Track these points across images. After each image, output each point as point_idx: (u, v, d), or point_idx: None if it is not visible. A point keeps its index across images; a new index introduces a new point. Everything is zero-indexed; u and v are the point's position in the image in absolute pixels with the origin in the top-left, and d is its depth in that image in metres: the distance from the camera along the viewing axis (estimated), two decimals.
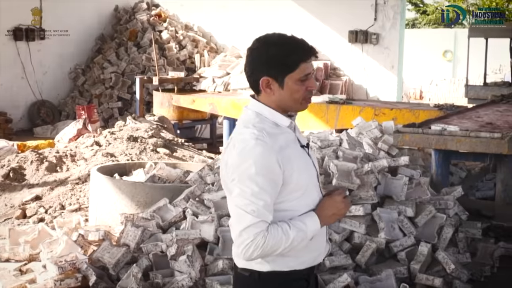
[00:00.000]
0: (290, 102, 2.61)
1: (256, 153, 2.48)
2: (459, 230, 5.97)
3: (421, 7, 36.00)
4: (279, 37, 2.62)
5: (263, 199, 2.47)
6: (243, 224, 2.47)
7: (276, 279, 2.61)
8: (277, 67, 2.56)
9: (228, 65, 15.55)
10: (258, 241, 2.45)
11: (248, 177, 2.47)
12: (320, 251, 2.74)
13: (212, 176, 6.12)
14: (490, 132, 6.56)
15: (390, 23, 14.28)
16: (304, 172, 2.61)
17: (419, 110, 9.81)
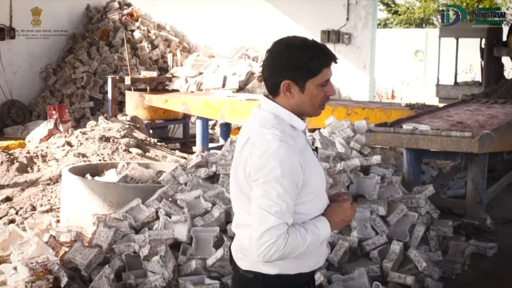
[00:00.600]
0: (308, 107, 2.62)
1: (281, 154, 2.46)
2: (430, 228, 6.02)
3: (393, 7, 36.28)
4: (302, 41, 2.63)
5: (286, 201, 2.47)
6: (265, 225, 2.46)
7: (281, 282, 2.62)
8: (300, 71, 2.56)
9: (201, 64, 15.51)
10: (280, 243, 2.45)
11: (273, 179, 2.46)
12: (322, 255, 2.76)
13: (185, 176, 6.10)
14: (461, 131, 6.64)
15: (362, 23, 14.35)
16: (318, 174, 2.63)
17: (391, 109, 9.87)
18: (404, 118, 7.99)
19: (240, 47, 15.38)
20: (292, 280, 2.63)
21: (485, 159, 6.98)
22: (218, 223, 5.15)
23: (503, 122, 7.51)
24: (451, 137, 6.50)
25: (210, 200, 5.46)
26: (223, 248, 4.73)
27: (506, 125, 7.37)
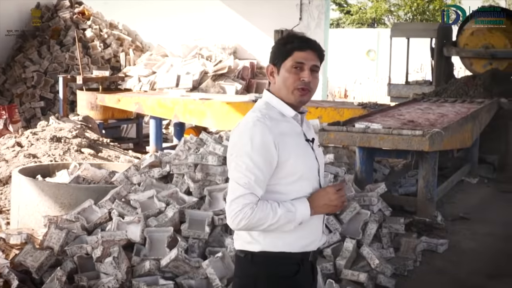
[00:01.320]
0: (284, 91, 2.74)
1: (253, 131, 2.63)
2: (382, 226, 6.09)
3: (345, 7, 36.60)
4: (289, 32, 2.86)
5: (255, 174, 2.60)
6: (234, 194, 2.62)
7: (267, 260, 2.71)
8: (277, 54, 2.75)
9: (154, 63, 15.40)
10: (246, 211, 2.58)
11: (244, 153, 2.62)
12: (313, 239, 2.80)
13: (139, 176, 6.05)
14: (412, 130, 6.73)
15: (315, 23, 14.44)
16: (301, 161, 2.72)
17: (344, 108, 9.95)
18: (356, 117, 8.06)
19: (194, 46, 15.32)
20: (277, 259, 2.71)
21: (436, 157, 7.09)
22: (172, 223, 5.12)
23: (453, 121, 7.64)
24: (403, 136, 6.59)
25: (164, 200, 5.43)
26: (177, 248, 4.71)
27: (456, 124, 7.50)
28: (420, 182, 7.07)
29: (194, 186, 5.62)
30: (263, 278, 2.71)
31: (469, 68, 12.14)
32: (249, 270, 2.74)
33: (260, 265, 2.71)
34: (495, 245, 6.46)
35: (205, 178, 5.76)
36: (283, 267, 2.72)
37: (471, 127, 8.22)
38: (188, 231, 5.07)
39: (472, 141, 8.47)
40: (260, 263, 2.71)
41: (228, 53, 14.96)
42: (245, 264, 2.75)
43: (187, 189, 5.72)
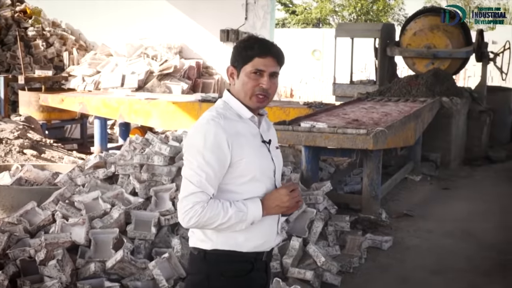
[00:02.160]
0: (242, 94, 2.74)
1: (207, 129, 2.64)
2: (328, 224, 6.15)
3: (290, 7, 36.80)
4: (251, 36, 2.82)
5: (206, 172, 2.61)
6: (186, 192, 2.61)
7: (219, 258, 2.70)
8: (237, 58, 2.74)
9: (99, 63, 15.19)
10: (197, 209, 2.57)
11: (196, 150, 2.63)
12: (266, 239, 2.78)
13: (83, 177, 5.96)
14: (356, 129, 6.80)
15: (261, 23, 14.47)
16: (255, 162, 2.71)
17: (290, 108, 10.00)
18: (302, 116, 8.11)
19: (139, 46, 15.17)
20: (229, 257, 2.71)
21: (380, 155, 7.20)
22: (117, 224, 5.06)
23: (396, 119, 7.76)
24: (347, 135, 6.65)
25: (109, 201, 5.36)
26: (123, 249, 4.65)
27: (399, 122, 7.62)
28: (365, 180, 7.16)
29: (139, 186, 5.57)
30: (216, 275, 2.71)
31: (412, 67, 12.35)
32: (202, 267, 2.74)
33: (212, 262, 2.71)
34: (438, 241, 6.59)
35: (151, 178, 5.70)
36: (235, 265, 2.72)
37: (414, 126, 8.36)
38: (134, 232, 5.03)
39: (415, 140, 8.61)
40: (213, 261, 2.71)
41: (173, 53, 14.87)
42: (198, 261, 2.75)
43: (133, 189, 5.66)
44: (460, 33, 12.09)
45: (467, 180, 9.62)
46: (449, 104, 10.25)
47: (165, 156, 5.77)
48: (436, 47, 11.87)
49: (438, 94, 10.57)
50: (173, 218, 5.24)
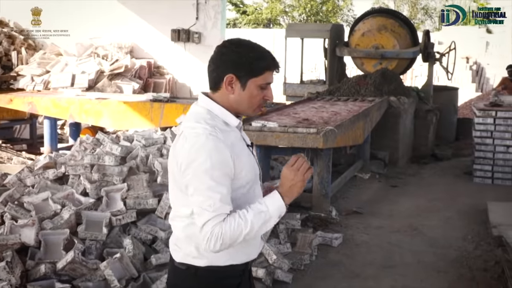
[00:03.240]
0: (245, 105, 2.65)
1: (209, 147, 2.48)
2: (279, 222, 6.17)
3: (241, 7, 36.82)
4: (253, 43, 2.68)
5: (220, 192, 2.48)
6: (202, 220, 2.48)
7: (212, 274, 2.64)
8: (245, 68, 2.60)
9: (48, 63, 14.91)
10: (216, 232, 2.45)
11: (203, 172, 2.47)
12: (255, 247, 2.75)
13: (32, 178, 5.87)
14: (307, 128, 6.86)
15: (212, 23, 14.44)
16: (250, 169, 2.65)
17: None
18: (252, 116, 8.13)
19: (89, 45, 14.96)
20: (223, 273, 2.65)
21: (330, 154, 7.27)
22: (68, 225, 5.00)
23: (346, 119, 7.85)
24: (298, 134, 6.70)
25: (59, 202, 5.29)
26: (74, 250, 4.60)
27: (348, 121, 7.70)
28: (315, 178, 7.22)
29: (90, 187, 5.51)
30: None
31: (361, 67, 12.49)
32: (191, 283, 2.67)
33: (204, 279, 2.65)
34: (386, 237, 6.70)
35: (102, 178, 5.65)
36: (226, 280, 2.68)
37: (363, 125, 8.47)
38: (85, 233, 4.97)
39: (364, 138, 8.72)
40: (204, 277, 2.64)
41: (124, 52, 14.71)
42: (187, 277, 2.67)
43: (84, 190, 5.60)
44: (407, 33, 12.28)
45: (415, 178, 9.80)
46: (396, 104, 10.41)
47: (116, 156, 5.72)
48: (384, 48, 12.03)
49: (386, 94, 10.72)
50: (124, 218, 5.20)
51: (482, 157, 9.56)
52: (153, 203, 5.39)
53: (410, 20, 13.09)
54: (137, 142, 6.39)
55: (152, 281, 4.76)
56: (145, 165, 5.84)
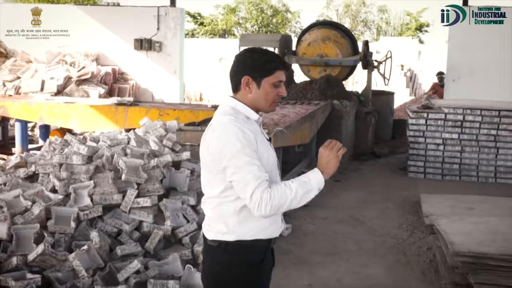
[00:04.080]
0: (263, 102, 2.80)
1: (236, 132, 2.63)
2: None
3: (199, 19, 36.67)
4: (263, 49, 2.86)
5: (255, 164, 2.60)
6: (249, 191, 2.58)
7: (240, 248, 2.73)
8: (258, 69, 2.77)
9: (19, 69, 14.60)
10: (265, 197, 2.55)
11: (237, 151, 2.60)
12: (277, 226, 2.86)
13: (4, 176, 5.74)
14: None
15: (172, 33, 14.36)
16: (269, 160, 2.76)
17: (199, 110, 9.95)
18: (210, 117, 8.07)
19: (58, 53, 14.72)
20: (250, 247, 2.74)
21: (280, 152, 7.27)
22: (38, 220, 4.90)
23: (294, 120, 7.87)
24: None
25: (30, 199, 5.18)
26: (44, 243, 4.52)
27: (296, 123, 7.74)
28: None
29: (59, 184, 5.41)
30: (236, 264, 2.74)
31: (307, 74, 12.55)
32: (222, 258, 2.75)
33: (233, 253, 2.73)
34: (331, 227, 6.76)
35: (70, 176, 5.56)
36: (252, 254, 2.76)
37: (309, 126, 8.52)
38: (54, 227, 4.88)
39: (310, 138, 8.77)
40: (234, 251, 2.73)
41: (90, 60, 14.52)
42: (218, 252, 2.76)
43: (53, 187, 5.50)
44: (349, 43, 12.39)
45: (356, 173, 9.91)
46: (339, 107, 10.50)
47: (83, 155, 5.63)
48: (328, 56, 12.11)
49: (330, 98, 10.79)
50: (91, 213, 5.13)
51: (415, 154, 9.72)
52: (118, 198, 5.33)
53: (351, 32, 13.20)
54: (103, 142, 6.31)
55: (117, 270, 4.70)
56: (111, 163, 5.77)
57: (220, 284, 2.77)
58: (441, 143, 9.60)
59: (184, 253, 5.12)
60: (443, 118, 9.56)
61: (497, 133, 9.41)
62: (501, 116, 9.39)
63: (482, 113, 9.45)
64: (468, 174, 9.52)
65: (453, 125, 9.54)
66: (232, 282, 2.75)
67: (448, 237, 5.52)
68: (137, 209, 5.31)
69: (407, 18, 37.56)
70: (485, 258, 5.01)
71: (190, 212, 5.55)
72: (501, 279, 4.89)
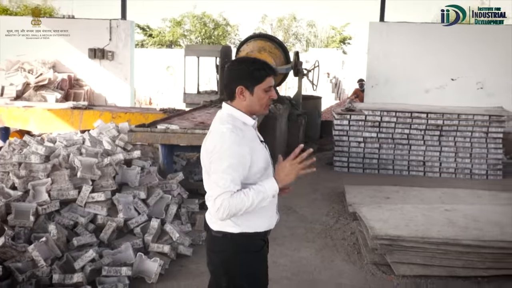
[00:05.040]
0: (257, 107, 2.79)
1: (232, 141, 2.63)
2: (181, 206, 6.13)
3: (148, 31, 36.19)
4: (251, 59, 2.83)
5: (231, 175, 2.61)
6: (215, 194, 2.63)
7: (243, 238, 2.77)
8: (249, 79, 2.75)
9: None
10: (225, 205, 2.59)
11: (223, 158, 2.63)
12: (273, 219, 2.92)
13: None
14: (203, 129, 6.82)
15: (123, 43, 14.12)
16: (264, 160, 2.77)
17: (148, 113, 9.85)
18: (158, 120, 8.00)
19: (16, 61, 14.23)
20: (251, 238, 2.79)
21: None
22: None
23: None
24: (195, 134, 6.66)
25: None
26: (4, 236, 4.37)
27: None
28: None
29: (18, 181, 5.24)
30: (242, 251, 2.79)
31: None
32: (228, 246, 2.79)
33: (238, 242, 2.77)
34: None
35: (28, 174, 5.39)
36: (254, 243, 2.82)
37: None
38: (14, 221, 4.73)
39: None
40: (238, 241, 2.77)
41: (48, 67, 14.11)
42: (223, 242, 2.79)
43: (12, 184, 5.32)
44: (281, 54, 12.46)
45: None
46: (274, 109, 10.56)
47: (41, 155, 5.48)
48: None
49: None
50: (49, 207, 4.99)
51: (340, 151, 9.88)
52: (74, 194, 5.20)
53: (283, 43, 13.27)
54: (59, 143, 6.15)
55: (74, 259, 4.59)
56: (67, 162, 5.63)
57: (229, 269, 2.82)
58: (362, 141, 9.79)
59: (135, 242, 5.05)
60: (364, 119, 9.76)
61: (410, 132, 9.68)
62: (412, 117, 9.66)
63: (397, 115, 9.70)
64: (385, 167, 9.75)
65: (372, 125, 9.75)
66: (239, 266, 2.81)
67: (368, 222, 5.64)
68: (92, 203, 5.20)
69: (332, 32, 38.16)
70: (399, 240, 5.15)
71: (140, 205, 5.48)
72: (413, 258, 5.05)
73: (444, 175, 9.54)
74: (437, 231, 5.31)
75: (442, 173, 9.58)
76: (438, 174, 9.58)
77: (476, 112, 9.68)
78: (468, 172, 9.53)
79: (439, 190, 7.70)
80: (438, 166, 9.60)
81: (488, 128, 9.50)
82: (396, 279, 4.86)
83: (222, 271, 2.84)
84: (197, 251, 5.41)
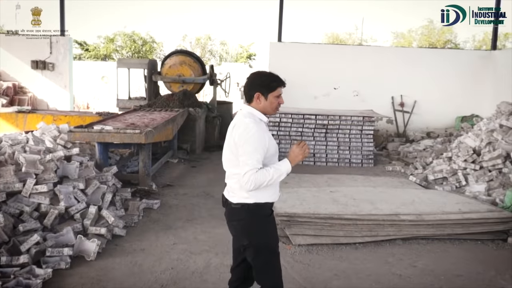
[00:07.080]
0: (269, 109, 2.97)
1: (255, 130, 2.83)
2: (116, 195, 5.94)
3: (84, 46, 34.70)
4: (267, 72, 2.99)
5: (256, 156, 2.80)
6: (244, 170, 2.79)
7: (257, 207, 2.91)
8: (265, 87, 2.95)
9: None
10: (252, 179, 2.77)
11: (250, 143, 2.80)
12: (277, 193, 3.02)
13: None
14: (133, 129, 6.65)
15: (62, 56, 13.42)
16: (274, 147, 2.93)
17: (86, 116, 9.47)
18: (95, 121, 7.71)
19: None
20: (262, 206, 2.92)
21: (150, 147, 7.12)
22: None
23: (160, 123, 7.74)
24: (127, 134, 6.48)
25: None
26: None
27: (162, 124, 7.61)
28: (140, 164, 7.04)
29: None
30: (258, 217, 2.92)
31: (169, 89, 12.38)
32: (246, 214, 2.91)
33: (253, 211, 2.90)
34: (190, 201, 6.73)
35: None
36: (265, 210, 2.95)
37: (172, 127, 8.41)
38: None
39: (173, 135, 8.67)
40: (253, 210, 2.90)
41: None
42: (242, 211, 2.91)
43: None
44: (199, 67, 12.40)
45: (207, 161, 9.94)
46: (193, 113, 10.48)
47: None
48: (184, 76, 12.03)
49: (187, 106, 10.74)
50: None
51: None
52: (19, 186, 4.87)
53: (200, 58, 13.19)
54: (5, 142, 5.74)
55: (20, 243, 4.31)
56: (12, 159, 5.26)
57: (248, 231, 2.95)
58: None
59: (76, 226, 4.82)
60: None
61: (302, 130, 9.92)
62: (304, 118, 9.91)
63: (292, 117, 9.91)
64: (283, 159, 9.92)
65: (273, 125, 9.91)
66: (256, 227, 2.93)
67: None
68: (36, 194, 4.90)
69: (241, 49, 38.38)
70: (295, 216, 5.27)
71: (80, 195, 5.23)
72: (306, 230, 5.19)
73: (329, 164, 9.87)
74: (324, 208, 5.48)
75: (328, 162, 9.91)
76: (325, 163, 9.89)
77: (353, 114, 10.10)
78: (347, 161, 9.92)
79: (325, 176, 7.96)
80: (325, 157, 9.92)
81: (362, 127, 9.94)
82: (293, 247, 4.97)
83: (244, 234, 2.97)
84: (130, 232, 5.26)
